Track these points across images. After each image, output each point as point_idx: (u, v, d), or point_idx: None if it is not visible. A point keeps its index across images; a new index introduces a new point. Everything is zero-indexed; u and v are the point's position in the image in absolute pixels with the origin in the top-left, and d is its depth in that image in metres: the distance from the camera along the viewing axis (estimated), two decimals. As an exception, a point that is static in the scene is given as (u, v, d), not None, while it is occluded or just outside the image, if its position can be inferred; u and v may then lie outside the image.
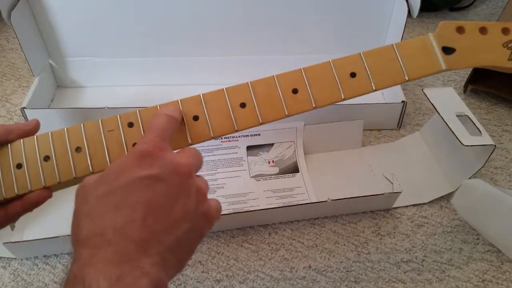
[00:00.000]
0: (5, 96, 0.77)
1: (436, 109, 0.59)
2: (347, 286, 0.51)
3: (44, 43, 0.73)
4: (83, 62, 0.76)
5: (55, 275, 0.53)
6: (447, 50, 0.38)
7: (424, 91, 0.62)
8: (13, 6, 0.64)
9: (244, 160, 0.63)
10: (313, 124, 0.64)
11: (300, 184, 0.62)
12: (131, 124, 0.37)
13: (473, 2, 1.00)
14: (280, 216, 0.58)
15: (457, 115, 0.58)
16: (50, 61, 0.75)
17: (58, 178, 0.36)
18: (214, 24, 0.72)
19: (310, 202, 0.59)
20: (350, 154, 0.67)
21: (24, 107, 0.65)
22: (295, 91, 0.38)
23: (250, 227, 0.57)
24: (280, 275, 0.53)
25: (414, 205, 0.60)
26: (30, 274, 0.53)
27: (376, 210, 0.59)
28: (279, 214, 0.57)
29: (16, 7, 0.64)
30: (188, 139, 0.37)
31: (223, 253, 0.55)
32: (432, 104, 0.60)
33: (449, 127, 0.57)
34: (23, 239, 0.54)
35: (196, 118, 0.37)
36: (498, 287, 0.51)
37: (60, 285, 0.51)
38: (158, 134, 0.33)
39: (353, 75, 0.38)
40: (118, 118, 0.37)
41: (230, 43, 0.75)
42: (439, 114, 0.59)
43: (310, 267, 0.53)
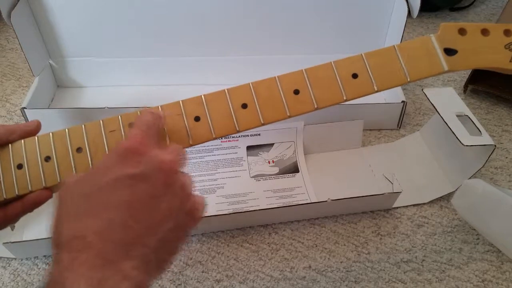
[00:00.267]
0: (5, 96, 0.77)
1: (436, 109, 0.59)
2: (347, 286, 0.51)
3: (44, 43, 0.73)
4: (83, 62, 0.76)
5: (55, 275, 0.53)
6: (448, 52, 0.38)
7: (424, 91, 0.62)
8: (13, 6, 0.64)
9: (244, 160, 0.63)
10: (313, 124, 0.64)
11: (300, 184, 0.62)
12: (132, 125, 0.37)
13: (473, 2, 1.00)
14: (280, 216, 0.58)
15: (457, 115, 0.58)
16: (50, 61, 0.75)
17: (59, 178, 0.36)
18: (214, 24, 0.72)
19: (310, 202, 0.59)
20: (350, 154, 0.67)
21: (24, 107, 0.65)
22: (297, 92, 0.38)
23: (250, 227, 0.57)
24: (280, 275, 0.53)
25: (414, 205, 0.60)
26: (30, 274, 0.53)
27: (376, 210, 0.59)
28: (279, 214, 0.57)
29: (16, 7, 0.64)
30: (189, 140, 0.37)
31: (223, 253, 0.55)
32: (432, 104, 0.60)
33: (449, 127, 0.57)
34: (23, 239, 0.54)
35: (197, 119, 0.37)
36: (498, 287, 0.51)
37: None
38: (143, 130, 0.32)
39: (355, 76, 0.38)
40: (119, 119, 0.37)
41: (230, 43, 0.75)
42: (439, 114, 0.59)
43: (310, 267, 0.53)
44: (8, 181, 0.36)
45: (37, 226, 0.56)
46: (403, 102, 0.67)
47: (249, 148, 0.64)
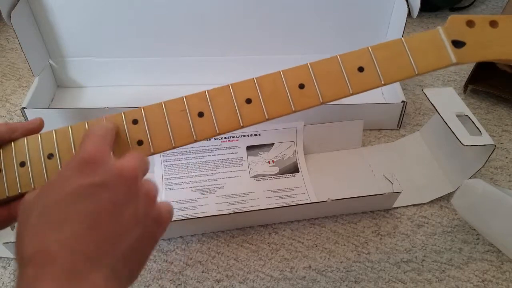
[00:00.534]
0: (5, 96, 0.77)
1: (436, 109, 0.59)
2: (347, 286, 0.51)
3: (44, 43, 0.73)
4: (83, 62, 0.76)
5: (55, 275, 0.53)
6: (456, 44, 0.37)
7: (424, 91, 0.62)
8: (13, 6, 0.64)
9: (244, 160, 0.63)
10: (313, 124, 0.64)
11: (300, 184, 0.62)
12: (135, 121, 0.37)
13: (473, 2, 1.00)
14: (280, 216, 0.58)
15: (457, 115, 0.58)
16: (50, 61, 0.75)
17: None
18: (214, 24, 0.72)
19: (310, 202, 0.59)
20: (350, 154, 0.67)
21: (24, 107, 0.65)
22: (302, 87, 0.37)
23: (250, 227, 0.57)
24: (280, 275, 0.53)
25: (414, 205, 0.60)
26: (30, 274, 0.53)
27: (376, 210, 0.59)
28: (279, 214, 0.57)
29: (16, 7, 0.64)
30: (193, 136, 0.36)
31: (223, 253, 0.55)
32: (432, 104, 0.60)
33: (449, 127, 0.57)
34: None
35: (201, 115, 0.37)
36: (498, 287, 0.51)
37: None
38: (99, 139, 0.32)
39: (361, 69, 0.37)
40: (122, 115, 0.37)
41: (230, 43, 0.75)
42: (439, 114, 0.59)
43: (310, 267, 0.53)
44: (11, 178, 0.36)
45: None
46: (403, 102, 0.67)
47: (249, 148, 0.64)
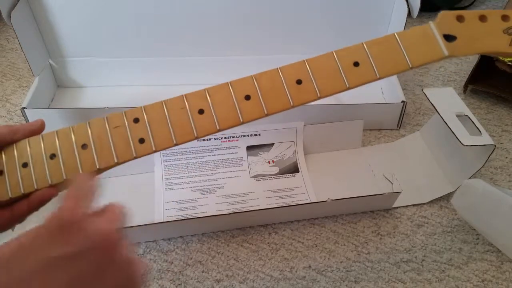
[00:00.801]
0: (5, 96, 0.77)
1: (436, 109, 0.59)
2: (347, 286, 0.51)
3: (44, 43, 0.73)
4: (83, 62, 0.76)
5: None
6: (448, 38, 0.38)
7: (424, 91, 0.62)
8: (13, 6, 0.64)
9: (244, 160, 0.63)
10: (313, 124, 0.64)
11: (300, 184, 0.62)
12: (136, 120, 0.37)
13: (473, 2, 1.00)
14: (280, 216, 0.58)
15: (457, 115, 0.58)
16: (50, 61, 0.75)
17: (64, 175, 0.36)
18: (214, 24, 0.72)
19: (310, 202, 0.59)
20: (350, 154, 0.67)
21: (24, 107, 0.65)
22: (299, 82, 0.38)
23: (250, 227, 0.57)
24: (280, 275, 0.53)
25: (414, 205, 0.60)
26: (30, 274, 0.53)
27: (376, 210, 0.59)
28: (279, 214, 0.57)
29: (16, 7, 0.64)
30: (194, 133, 0.37)
31: (223, 253, 0.55)
32: (432, 104, 0.60)
33: (449, 127, 0.57)
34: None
35: (201, 112, 0.37)
36: (498, 287, 0.51)
37: None
38: (79, 201, 0.30)
39: (356, 64, 0.38)
40: (123, 115, 0.37)
41: (230, 43, 0.75)
42: (439, 114, 0.59)
43: (310, 267, 0.53)
44: (14, 180, 0.36)
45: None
46: (403, 102, 0.67)
47: (249, 148, 0.64)
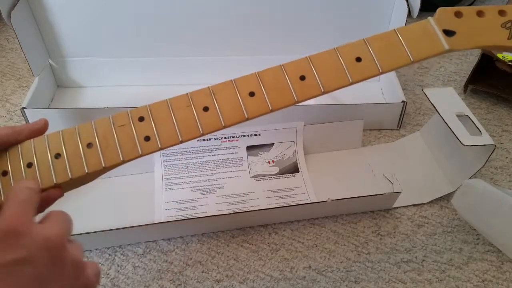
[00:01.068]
0: (5, 96, 0.77)
1: (436, 109, 0.59)
2: (347, 286, 0.51)
3: (44, 43, 0.73)
4: (83, 62, 0.76)
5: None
6: (447, 33, 0.39)
7: (424, 91, 0.62)
8: (13, 6, 0.64)
9: (244, 160, 0.63)
10: (313, 124, 0.64)
11: (300, 184, 0.62)
12: (141, 118, 0.37)
13: (473, 2, 1.00)
14: (280, 216, 0.58)
15: (457, 115, 0.58)
16: (50, 61, 0.75)
17: (70, 174, 0.36)
18: (214, 24, 0.72)
19: (310, 202, 0.59)
20: (350, 154, 0.67)
21: (24, 107, 0.65)
22: (303, 78, 0.38)
23: (250, 227, 0.57)
24: (280, 275, 0.53)
25: (414, 205, 0.60)
26: (30, 274, 0.53)
27: (376, 210, 0.59)
28: (279, 214, 0.57)
29: (16, 7, 0.64)
30: (199, 130, 0.37)
31: (223, 253, 0.55)
32: (432, 104, 0.60)
33: (449, 127, 0.57)
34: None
35: (206, 109, 0.37)
36: (498, 287, 0.51)
37: None
38: (21, 206, 0.29)
39: (358, 59, 0.39)
40: (128, 114, 0.37)
41: (230, 43, 0.75)
42: (439, 114, 0.59)
43: (310, 267, 0.53)
44: (18, 180, 0.36)
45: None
46: (403, 102, 0.67)
47: (249, 148, 0.64)
